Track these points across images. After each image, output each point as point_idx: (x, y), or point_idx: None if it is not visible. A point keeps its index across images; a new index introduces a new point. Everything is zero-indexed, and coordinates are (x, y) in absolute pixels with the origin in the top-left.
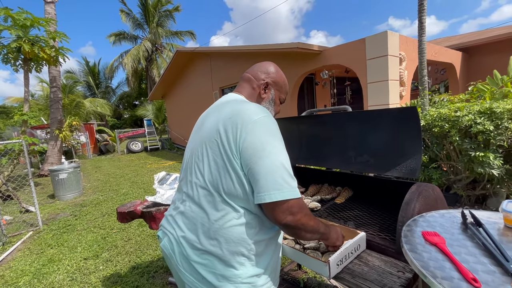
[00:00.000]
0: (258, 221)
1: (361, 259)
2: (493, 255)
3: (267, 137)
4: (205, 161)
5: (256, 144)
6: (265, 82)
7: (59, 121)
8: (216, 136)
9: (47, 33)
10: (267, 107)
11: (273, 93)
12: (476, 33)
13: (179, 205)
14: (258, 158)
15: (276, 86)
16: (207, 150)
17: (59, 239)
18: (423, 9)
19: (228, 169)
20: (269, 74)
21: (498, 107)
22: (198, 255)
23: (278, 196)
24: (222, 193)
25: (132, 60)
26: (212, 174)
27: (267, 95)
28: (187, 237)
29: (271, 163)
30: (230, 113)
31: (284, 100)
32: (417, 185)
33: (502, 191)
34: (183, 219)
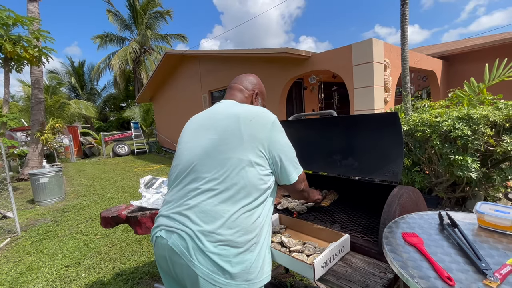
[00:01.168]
0: (262, 207)
1: (345, 261)
2: (467, 255)
3: (283, 134)
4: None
5: (280, 140)
6: (256, 92)
7: (40, 123)
8: (240, 137)
9: (30, 33)
10: None
11: (260, 101)
12: (455, 42)
13: (189, 202)
14: (283, 151)
15: (261, 95)
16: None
17: (39, 246)
18: (405, 18)
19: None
20: (255, 85)
21: (475, 113)
22: (216, 246)
23: (298, 172)
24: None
25: (120, 62)
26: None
27: (256, 102)
28: (205, 230)
29: (291, 153)
30: (249, 115)
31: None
32: (399, 188)
33: (480, 194)
34: (196, 213)
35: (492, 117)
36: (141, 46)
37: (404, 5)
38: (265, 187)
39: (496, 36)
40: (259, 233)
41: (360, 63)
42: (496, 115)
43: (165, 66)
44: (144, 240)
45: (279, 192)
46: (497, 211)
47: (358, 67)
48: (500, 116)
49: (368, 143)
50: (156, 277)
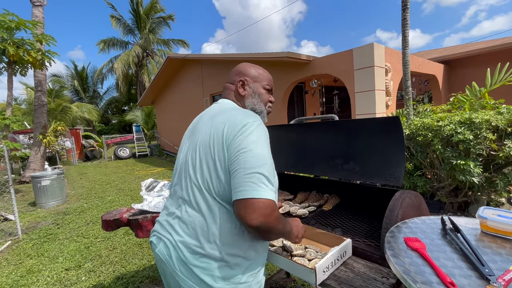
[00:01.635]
0: None
1: (347, 266)
2: (470, 260)
3: (252, 139)
4: (197, 165)
5: (240, 143)
6: (239, 80)
7: (43, 126)
8: (209, 140)
9: (33, 36)
10: (252, 101)
11: (252, 86)
12: (457, 47)
13: (175, 210)
14: (238, 155)
15: (252, 79)
16: (200, 154)
17: (39, 249)
18: (406, 23)
19: (218, 171)
20: (240, 72)
21: (477, 118)
22: (197, 259)
23: (249, 194)
24: (215, 195)
25: (122, 65)
26: (205, 177)
27: (246, 91)
28: (186, 242)
29: (249, 161)
30: (223, 118)
31: (270, 88)
32: (401, 193)
33: (482, 198)
34: (180, 224)
35: (494, 121)
36: (144, 50)
37: (405, 10)
38: None
39: (498, 40)
40: (247, 248)
41: (361, 68)
42: (498, 120)
43: (167, 69)
44: (145, 244)
45: (281, 196)
46: (500, 216)
47: (359, 72)
48: (502, 120)
49: (370, 147)
50: (156, 281)
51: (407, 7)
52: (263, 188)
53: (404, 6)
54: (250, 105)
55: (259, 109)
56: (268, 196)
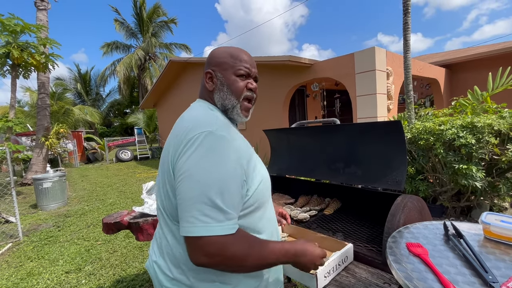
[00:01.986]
0: None
1: (348, 271)
2: (473, 266)
3: (195, 158)
4: (160, 184)
5: (182, 165)
6: (206, 72)
7: (45, 128)
8: (163, 158)
9: (37, 40)
10: (220, 95)
11: (219, 76)
12: (458, 51)
13: (157, 227)
14: (179, 182)
15: (219, 67)
16: (160, 172)
17: (40, 251)
18: (408, 27)
19: (169, 194)
20: (209, 62)
21: (479, 122)
22: (169, 281)
23: (188, 231)
24: (172, 218)
25: (125, 68)
26: (162, 198)
27: (214, 84)
28: (158, 263)
29: (191, 189)
30: (175, 131)
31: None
32: (402, 197)
33: (485, 203)
34: (156, 244)
35: (497, 125)
36: (146, 54)
37: (407, 14)
38: None
39: (499, 45)
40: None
41: (362, 71)
42: (501, 124)
43: (170, 73)
44: (145, 247)
45: (282, 199)
46: (503, 222)
47: (360, 75)
48: (505, 124)
49: (371, 152)
50: None
51: (408, 12)
52: (204, 224)
53: (406, 11)
54: (219, 101)
55: (229, 105)
56: (210, 233)
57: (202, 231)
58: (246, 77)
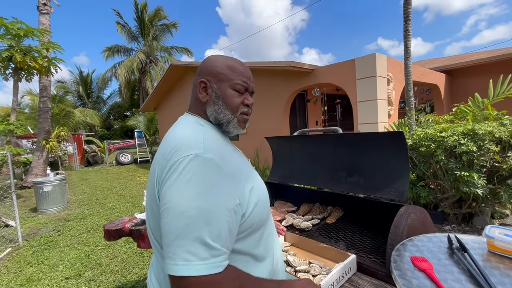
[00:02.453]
0: None
1: (351, 283)
2: (478, 282)
3: (178, 186)
4: (148, 206)
5: (164, 195)
6: (200, 82)
7: (46, 131)
8: (150, 181)
9: (40, 44)
10: (214, 109)
11: (215, 88)
12: (458, 57)
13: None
14: (162, 213)
15: (215, 78)
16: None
17: (40, 256)
18: (408, 34)
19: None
20: (203, 71)
21: (480, 129)
22: None
23: (170, 269)
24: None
25: (126, 71)
26: (151, 225)
27: (208, 96)
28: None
29: (172, 223)
30: (162, 152)
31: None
32: (405, 208)
33: (487, 210)
34: (154, 273)
35: (498, 133)
36: (147, 57)
37: (407, 21)
38: None
39: (499, 51)
40: None
41: (363, 77)
42: (501, 131)
43: (171, 76)
44: (146, 253)
45: (284, 207)
46: (506, 235)
47: (361, 81)
48: (505, 132)
49: (374, 161)
50: None
51: (409, 19)
52: (186, 262)
53: (406, 18)
54: (213, 115)
55: (224, 119)
56: (192, 273)
57: (183, 270)
58: (242, 92)
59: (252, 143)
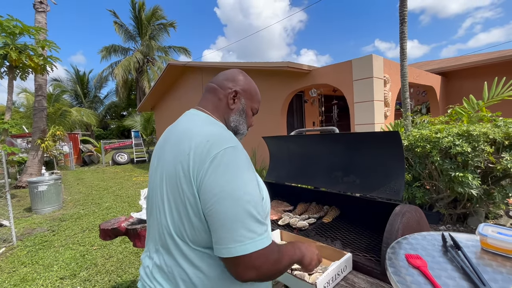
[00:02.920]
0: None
1: (347, 281)
2: (471, 279)
3: (228, 175)
4: (166, 206)
5: (213, 185)
6: (233, 91)
7: (42, 131)
8: (176, 176)
9: (36, 42)
10: (238, 119)
11: (243, 102)
12: (453, 59)
13: (153, 255)
14: (214, 202)
15: (246, 94)
16: (168, 193)
17: (34, 256)
18: (404, 36)
19: (190, 216)
20: (236, 82)
21: (474, 130)
22: None
23: (239, 250)
24: (190, 243)
25: (123, 71)
26: (175, 222)
27: (236, 105)
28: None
29: (229, 209)
30: (189, 146)
31: (257, 111)
32: (401, 207)
33: (481, 210)
34: (161, 274)
35: (492, 134)
36: (145, 56)
37: (403, 23)
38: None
39: (494, 53)
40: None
41: (360, 78)
42: (496, 133)
43: (168, 76)
44: (141, 252)
45: (280, 207)
46: (499, 233)
47: (358, 82)
48: (500, 133)
49: (370, 161)
50: None
51: (405, 21)
52: (252, 240)
53: (402, 20)
54: (234, 122)
55: (241, 130)
56: (259, 247)
57: (251, 247)
58: (253, 115)
59: (250, 143)
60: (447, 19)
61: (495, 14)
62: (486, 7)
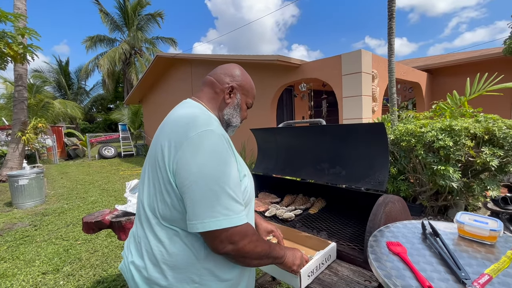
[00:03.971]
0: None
1: (331, 269)
2: (448, 264)
3: (203, 157)
4: (145, 181)
5: (190, 165)
6: (230, 86)
7: (22, 123)
8: (156, 155)
9: (15, 29)
10: (232, 113)
11: (238, 97)
12: (439, 57)
13: (133, 227)
14: (192, 182)
15: (242, 90)
16: (148, 169)
17: (15, 251)
18: (392, 32)
19: (163, 192)
20: (234, 77)
21: (456, 125)
22: (146, 283)
23: (212, 225)
24: (159, 217)
25: (109, 62)
26: (150, 196)
27: (232, 100)
28: (135, 263)
29: (206, 187)
30: (171, 128)
31: (251, 105)
32: (384, 197)
33: (461, 202)
34: (134, 244)
35: (473, 129)
36: (132, 48)
37: (391, 19)
38: None
39: (476, 52)
40: (204, 273)
41: (349, 73)
42: (476, 128)
43: (156, 68)
44: None
45: (267, 198)
46: (476, 221)
47: (347, 77)
48: (480, 128)
49: (355, 152)
50: None
51: (393, 17)
52: (227, 217)
53: (390, 16)
54: (228, 115)
55: (234, 123)
56: (234, 224)
57: (226, 223)
58: (248, 108)
59: (239, 137)
60: (435, 18)
61: (480, 14)
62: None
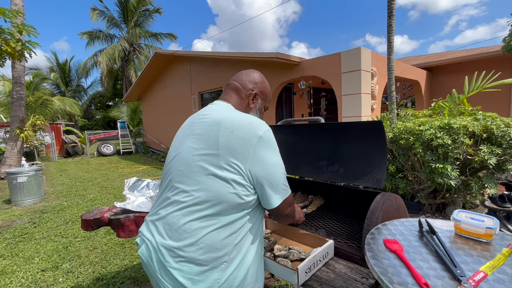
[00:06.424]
0: (241, 224)
1: (328, 266)
2: (444, 261)
3: (272, 151)
4: (197, 171)
5: (264, 159)
6: (254, 93)
7: (21, 120)
8: (216, 148)
9: (13, 26)
10: (255, 116)
11: (259, 102)
12: (439, 54)
13: (160, 211)
14: (268, 173)
15: (262, 95)
16: (203, 161)
17: (14, 249)
18: (392, 30)
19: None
20: (256, 84)
21: (455, 123)
22: (177, 262)
23: (283, 197)
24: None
25: (107, 59)
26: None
27: (254, 105)
28: (168, 244)
29: (278, 175)
30: (231, 125)
31: (267, 108)
32: (381, 195)
33: (459, 200)
34: (163, 225)
35: (471, 127)
36: (130, 45)
37: (391, 17)
38: (243, 204)
39: (476, 50)
40: (231, 251)
41: (348, 71)
42: (475, 126)
43: (155, 65)
44: (127, 243)
45: None
46: (472, 219)
47: (346, 75)
48: (478, 126)
49: (354, 150)
50: (138, 282)
51: (392, 14)
52: (288, 189)
53: (390, 13)
54: None
55: None
56: (289, 193)
57: (288, 193)
58: (265, 111)
59: None
60: (436, 15)
61: (480, 12)
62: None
